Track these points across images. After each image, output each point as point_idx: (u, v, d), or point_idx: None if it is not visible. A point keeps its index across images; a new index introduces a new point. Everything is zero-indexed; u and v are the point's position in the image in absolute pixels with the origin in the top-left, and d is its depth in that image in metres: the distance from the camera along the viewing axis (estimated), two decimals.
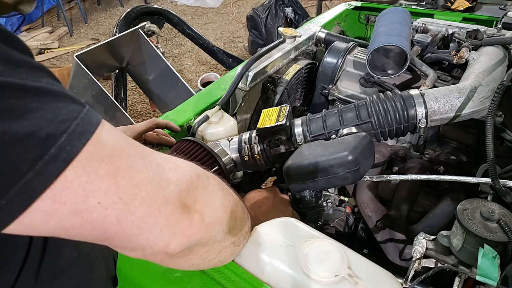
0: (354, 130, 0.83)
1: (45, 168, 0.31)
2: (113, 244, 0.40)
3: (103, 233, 0.37)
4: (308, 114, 0.92)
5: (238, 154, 0.92)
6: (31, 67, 0.33)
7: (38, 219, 0.33)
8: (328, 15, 1.68)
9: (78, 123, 0.34)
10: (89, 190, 0.34)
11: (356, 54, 1.20)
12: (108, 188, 0.35)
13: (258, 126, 0.88)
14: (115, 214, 0.36)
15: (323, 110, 0.91)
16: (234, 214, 0.53)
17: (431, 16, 1.55)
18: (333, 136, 0.85)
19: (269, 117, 0.89)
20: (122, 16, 2.12)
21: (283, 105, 0.92)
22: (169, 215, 0.40)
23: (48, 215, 0.33)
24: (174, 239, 0.41)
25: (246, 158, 0.91)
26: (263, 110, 0.93)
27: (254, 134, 0.92)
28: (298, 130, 0.88)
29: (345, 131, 0.83)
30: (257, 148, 0.90)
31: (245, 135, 0.93)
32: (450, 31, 1.19)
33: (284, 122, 0.85)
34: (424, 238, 0.69)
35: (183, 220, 0.42)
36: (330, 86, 1.19)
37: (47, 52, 4.21)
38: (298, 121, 0.90)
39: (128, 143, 0.39)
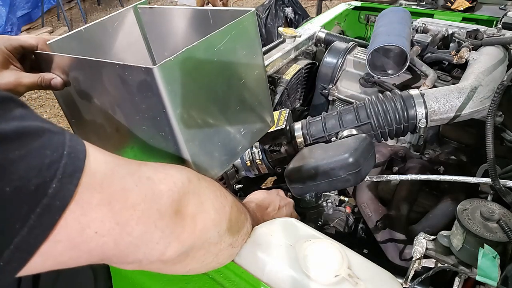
0: (354, 131, 0.83)
1: (39, 221, 0.30)
2: (109, 262, 0.40)
3: (100, 257, 0.37)
4: (308, 117, 0.92)
5: (239, 160, 0.92)
6: (5, 103, 0.31)
7: (35, 264, 0.31)
8: (328, 15, 1.68)
9: (66, 162, 0.32)
10: (85, 223, 0.33)
11: (356, 54, 1.20)
12: (104, 216, 0.35)
13: None
14: (112, 240, 0.36)
15: (323, 113, 0.91)
16: (229, 215, 0.52)
17: (431, 16, 1.55)
18: (333, 138, 0.85)
19: None
20: None
21: (283, 109, 0.92)
22: (164, 227, 0.40)
23: (45, 256, 0.32)
24: (169, 247, 0.42)
25: (248, 163, 0.92)
26: None
27: None
28: (298, 133, 0.89)
29: (345, 133, 0.83)
30: (258, 153, 0.91)
31: None
32: (450, 31, 1.19)
33: (284, 126, 0.86)
34: (424, 238, 0.69)
35: (177, 227, 0.42)
36: (330, 86, 1.19)
37: None
38: (298, 125, 0.90)
39: (116, 164, 0.38)
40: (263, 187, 1.20)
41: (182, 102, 0.51)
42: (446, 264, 0.65)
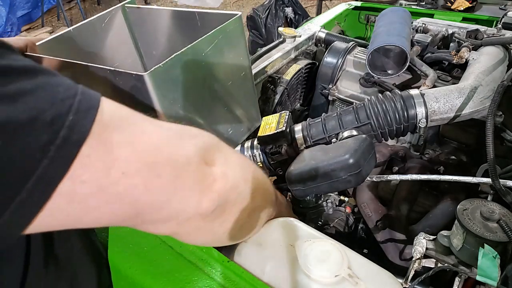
0: (354, 132, 0.83)
1: (59, 153, 0.28)
2: (145, 220, 0.37)
3: (133, 206, 0.34)
4: (308, 119, 0.92)
5: None
6: (5, 48, 0.30)
7: (60, 206, 0.30)
8: (328, 15, 1.68)
9: (80, 99, 0.31)
10: (109, 162, 0.31)
11: (356, 54, 1.20)
12: (128, 155, 0.32)
13: (259, 134, 0.89)
14: (142, 182, 0.33)
15: (323, 114, 0.91)
16: (255, 174, 0.51)
17: (431, 16, 1.55)
18: (334, 139, 0.85)
19: (269, 125, 0.90)
20: None
21: (283, 112, 0.93)
22: (194, 172, 0.38)
23: (70, 197, 0.30)
24: (204, 195, 0.39)
25: None
26: (263, 118, 0.94)
27: (255, 142, 0.92)
28: (298, 135, 0.89)
29: (345, 134, 0.83)
30: (259, 155, 0.91)
31: (247, 143, 0.95)
32: (450, 31, 1.19)
33: (284, 128, 0.86)
34: (424, 238, 0.69)
35: (208, 176, 0.40)
36: (330, 86, 1.19)
37: None
38: (298, 127, 0.90)
39: (131, 111, 0.37)
40: None
41: (171, 105, 0.52)
42: (446, 264, 0.65)
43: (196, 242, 0.51)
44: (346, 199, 1.01)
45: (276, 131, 0.86)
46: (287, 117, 0.90)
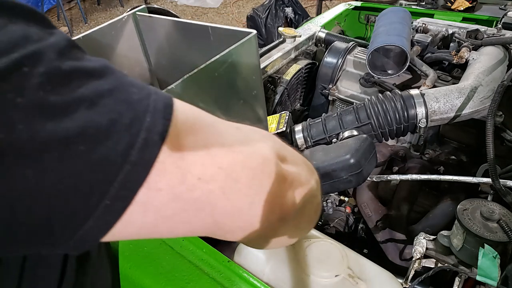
0: (355, 132, 0.83)
1: (140, 157, 0.27)
2: (224, 228, 0.35)
3: (210, 213, 0.32)
4: (308, 119, 0.92)
5: None
6: (78, 48, 0.29)
7: (135, 214, 0.28)
8: (328, 15, 1.68)
9: (155, 98, 0.29)
10: (184, 167, 0.29)
11: (356, 54, 1.20)
12: (203, 159, 0.31)
13: None
14: (219, 187, 0.31)
15: (323, 114, 0.91)
16: (309, 164, 0.49)
17: (431, 16, 1.55)
18: (334, 139, 0.85)
19: (269, 125, 0.89)
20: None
21: (283, 112, 0.93)
22: (272, 173, 0.36)
23: (146, 206, 0.28)
24: (285, 198, 0.38)
25: None
26: None
27: None
28: (299, 136, 0.89)
29: (346, 134, 0.83)
30: None
31: None
32: (450, 31, 1.19)
33: (284, 129, 0.86)
34: (424, 238, 0.69)
35: (286, 177, 0.38)
36: (330, 86, 1.19)
37: None
38: (298, 127, 0.90)
39: (200, 110, 0.35)
40: None
41: None
42: (446, 264, 0.65)
43: (276, 246, 0.49)
44: (346, 199, 1.01)
45: (276, 132, 0.86)
46: (287, 117, 0.90)
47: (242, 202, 0.34)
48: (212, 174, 0.31)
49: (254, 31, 0.65)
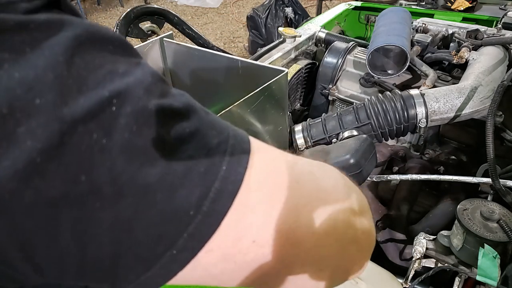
0: (355, 132, 0.83)
1: (212, 208, 0.25)
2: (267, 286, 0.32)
3: (260, 276, 0.29)
4: (308, 119, 0.92)
5: None
6: (164, 82, 0.27)
7: (186, 268, 0.27)
8: (328, 15, 1.68)
9: (233, 144, 0.27)
10: (241, 229, 0.27)
11: (356, 54, 1.20)
12: (264, 221, 0.28)
13: None
14: (273, 251, 0.28)
15: (323, 115, 0.91)
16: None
17: (431, 16, 1.55)
18: (334, 140, 0.85)
19: None
20: (122, 16, 2.11)
21: None
22: (352, 243, 0.33)
23: (194, 263, 0.26)
24: (356, 264, 0.35)
25: None
26: None
27: None
28: (298, 136, 0.89)
29: (346, 134, 0.83)
30: None
31: None
32: (450, 31, 1.19)
33: None
34: (424, 238, 0.69)
35: (357, 231, 0.34)
36: (330, 86, 1.19)
37: None
38: (298, 127, 0.90)
39: (275, 156, 0.31)
40: None
41: None
42: (446, 264, 0.65)
43: None
44: None
45: None
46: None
47: (301, 265, 0.31)
48: (268, 237, 0.28)
49: (286, 70, 0.64)
